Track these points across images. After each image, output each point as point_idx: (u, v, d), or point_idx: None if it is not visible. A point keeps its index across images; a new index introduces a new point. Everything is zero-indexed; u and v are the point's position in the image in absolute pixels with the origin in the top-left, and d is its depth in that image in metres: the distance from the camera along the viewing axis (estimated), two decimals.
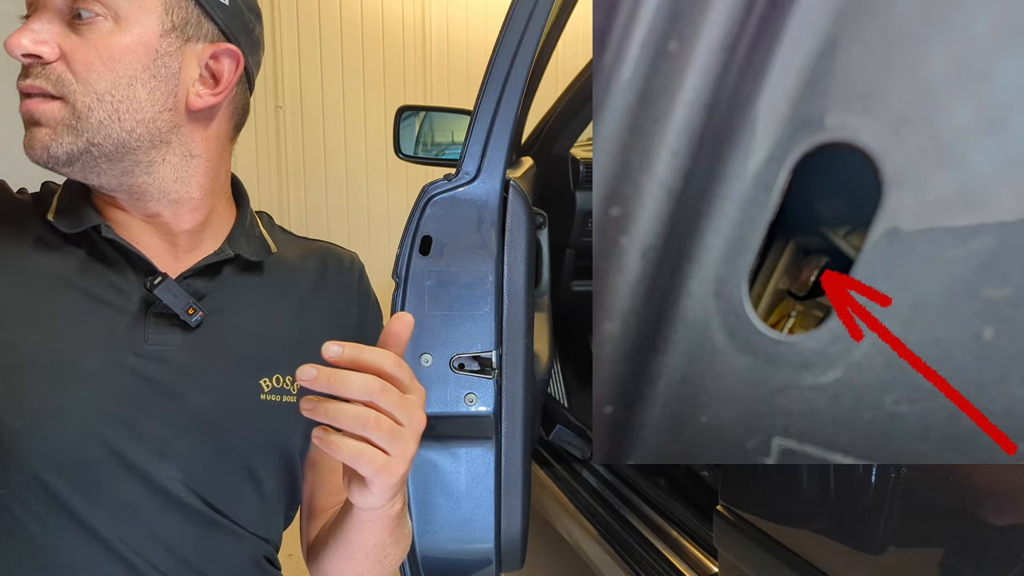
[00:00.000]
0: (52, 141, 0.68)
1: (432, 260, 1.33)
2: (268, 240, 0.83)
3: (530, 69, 1.33)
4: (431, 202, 1.32)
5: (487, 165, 1.32)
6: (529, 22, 1.31)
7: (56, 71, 0.68)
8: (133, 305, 0.72)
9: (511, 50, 1.31)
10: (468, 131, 1.34)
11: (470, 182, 1.33)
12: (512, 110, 1.32)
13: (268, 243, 0.83)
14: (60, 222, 0.72)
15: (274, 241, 0.84)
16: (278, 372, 0.79)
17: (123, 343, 0.71)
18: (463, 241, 1.33)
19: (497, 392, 1.38)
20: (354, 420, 0.54)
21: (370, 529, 0.72)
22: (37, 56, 0.67)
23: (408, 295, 1.34)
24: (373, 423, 0.54)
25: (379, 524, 0.71)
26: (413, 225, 1.33)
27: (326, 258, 0.88)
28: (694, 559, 1.59)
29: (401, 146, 2.09)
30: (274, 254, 0.82)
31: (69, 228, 0.72)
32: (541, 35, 1.33)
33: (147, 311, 0.72)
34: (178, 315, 0.72)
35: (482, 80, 1.33)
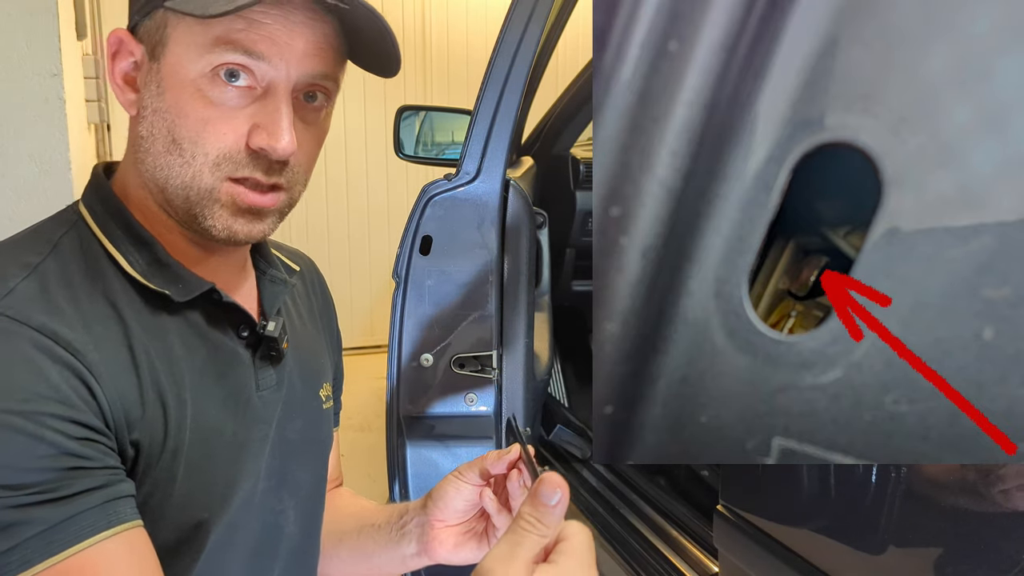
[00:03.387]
0: (270, 230, 0.67)
1: (432, 260, 1.33)
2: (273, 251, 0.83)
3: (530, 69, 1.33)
4: (431, 202, 1.32)
5: (487, 165, 1.32)
6: (529, 22, 1.31)
7: (290, 164, 0.64)
8: (244, 355, 0.70)
9: (511, 50, 1.31)
10: (468, 131, 1.34)
11: (470, 182, 1.33)
12: (512, 110, 1.32)
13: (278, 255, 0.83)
14: (171, 290, 0.65)
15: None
16: (324, 380, 0.83)
17: (247, 399, 0.70)
18: (463, 241, 1.33)
19: (497, 392, 1.38)
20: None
21: (398, 573, 0.80)
22: (287, 161, 0.64)
23: (408, 295, 1.34)
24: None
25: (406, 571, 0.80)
26: (413, 225, 1.33)
27: (310, 266, 0.91)
28: (694, 559, 1.59)
29: (401, 146, 2.09)
30: (285, 264, 0.83)
31: (182, 296, 0.65)
32: (541, 35, 1.33)
33: (255, 356, 0.71)
34: (275, 351, 0.72)
35: (482, 80, 1.33)
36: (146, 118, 0.63)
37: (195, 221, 0.64)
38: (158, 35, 0.62)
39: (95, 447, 0.56)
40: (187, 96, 0.61)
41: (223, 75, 0.60)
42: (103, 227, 0.65)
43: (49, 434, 0.54)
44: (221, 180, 0.63)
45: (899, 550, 0.74)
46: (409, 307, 1.33)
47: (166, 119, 0.62)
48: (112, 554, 0.55)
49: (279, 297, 0.76)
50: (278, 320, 0.72)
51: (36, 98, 1.94)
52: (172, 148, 0.62)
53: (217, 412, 0.67)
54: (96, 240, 0.65)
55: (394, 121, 2.09)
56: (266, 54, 0.60)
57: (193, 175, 0.62)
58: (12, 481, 0.52)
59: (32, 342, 0.56)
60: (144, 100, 0.63)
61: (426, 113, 2.14)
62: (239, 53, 0.60)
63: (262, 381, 0.71)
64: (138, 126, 0.64)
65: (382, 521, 0.82)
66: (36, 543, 0.53)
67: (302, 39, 0.61)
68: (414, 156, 2.12)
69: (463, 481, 0.75)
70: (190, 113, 0.61)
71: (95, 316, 0.60)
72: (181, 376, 0.64)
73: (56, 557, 0.53)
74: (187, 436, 0.63)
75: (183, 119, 0.61)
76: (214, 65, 0.60)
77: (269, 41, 0.60)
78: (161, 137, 0.62)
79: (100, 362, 0.58)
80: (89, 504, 0.55)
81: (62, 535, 0.53)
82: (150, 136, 0.63)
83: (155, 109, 0.62)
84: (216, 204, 0.63)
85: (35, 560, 0.52)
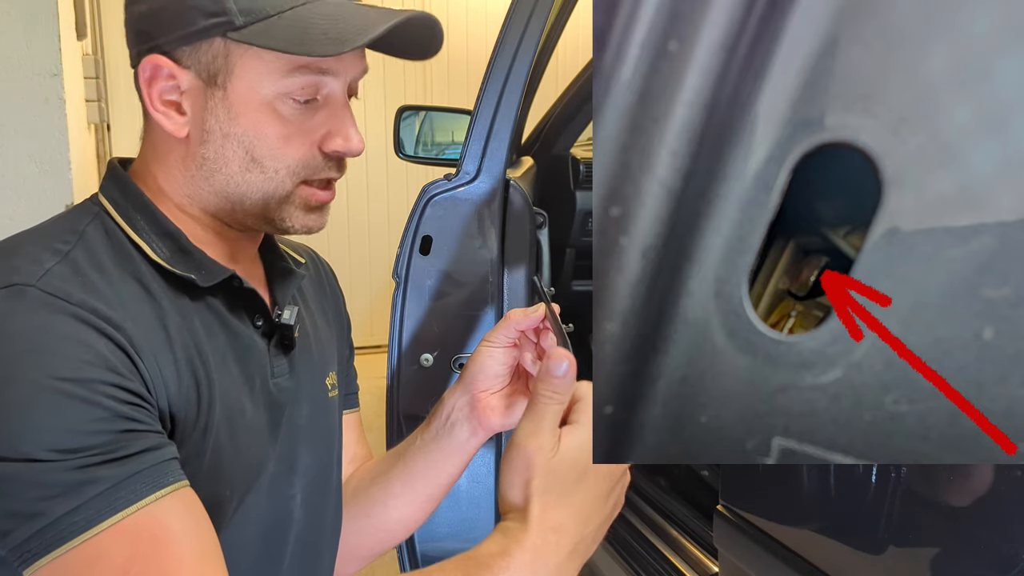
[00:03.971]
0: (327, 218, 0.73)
1: (432, 260, 1.33)
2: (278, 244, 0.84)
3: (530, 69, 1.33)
4: (431, 202, 1.32)
5: (487, 165, 1.32)
6: (529, 22, 1.31)
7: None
8: (260, 342, 0.73)
9: (511, 50, 1.31)
10: (468, 131, 1.34)
11: (470, 182, 1.33)
12: (512, 110, 1.32)
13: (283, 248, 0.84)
14: (196, 276, 0.67)
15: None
16: (331, 369, 0.84)
17: (263, 384, 0.72)
18: (463, 241, 1.33)
19: None
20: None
21: (461, 465, 0.81)
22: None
23: (408, 295, 1.34)
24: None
25: (467, 459, 0.81)
26: (413, 225, 1.33)
27: (315, 258, 0.93)
28: (694, 559, 1.59)
29: (401, 146, 2.09)
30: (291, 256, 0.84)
31: (206, 281, 0.68)
32: (541, 35, 1.33)
33: (270, 343, 0.74)
34: (288, 340, 0.75)
35: (482, 80, 1.33)
36: (212, 141, 0.66)
37: (271, 224, 0.70)
38: (218, 63, 0.64)
39: (144, 412, 0.59)
40: (263, 119, 0.65)
41: (296, 95, 0.65)
42: (126, 218, 0.68)
43: (103, 400, 0.56)
44: (296, 184, 0.68)
45: (899, 550, 0.74)
46: (409, 307, 1.33)
47: (243, 142, 0.66)
48: (171, 511, 0.57)
49: (290, 287, 0.78)
50: (293, 309, 0.75)
51: (36, 98, 1.94)
52: (251, 167, 0.66)
53: (238, 395, 0.69)
54: (120, 230, 0.67)
55: (394, 121, 2.09)
56: (332, 69, 0.66)
57: (276, 187, 0.67)
58: (73, 444, 0.54)
59: (75, 316, 0.58)
60: (208, 124, 0.66)
61: (426, 113, 2.14)
62: (314, 74, 0.65)
63: (276, 368, 0.74)
64: (200, 148, 0.67)
65: (428, 434, 0.82)
66: (101, 502, 0.54)
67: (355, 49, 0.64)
68: (414, 156, 2.12)
69: (494, 346, 0.77)
70: (269, 134, 0.65)
71: (129, 296, 0.63)
72: (207, 357, 0.66)
73: (121, 514, 0.55)
74: (216, 414, 0.66)
75: (262, 140, 0.66)
76: (292, 88, 0.65)
77: (336, 58, 0.65)
78: (237, 159, 0.66)
79: (139, 336, 0.60)
80: (147, 463, 0.57)
81: (125, 492, 0.55)
82: (220, 158, 0.66)
83: (226, 134, 0.66)
84: (291, 206, 0.69)
85: (101, 518, 0.54)
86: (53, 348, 0.56)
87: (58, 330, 0.57)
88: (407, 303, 1.33)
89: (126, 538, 0.54)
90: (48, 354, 0.56)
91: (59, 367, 0.55)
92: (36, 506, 0.54)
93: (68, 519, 0.54)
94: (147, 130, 0.70)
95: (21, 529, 0.54)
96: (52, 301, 0.58)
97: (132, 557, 0.54)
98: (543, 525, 0.57)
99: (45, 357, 0.56)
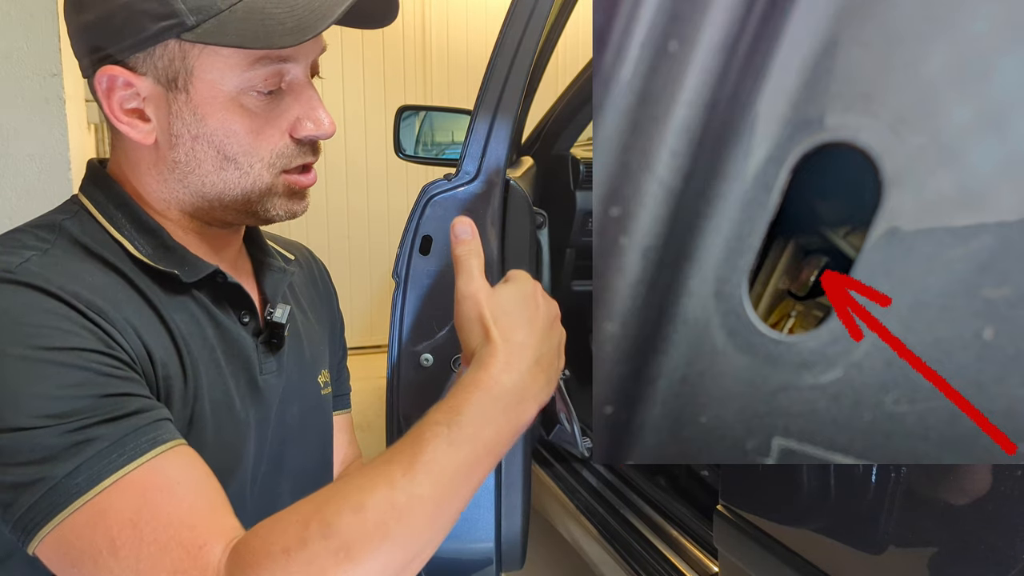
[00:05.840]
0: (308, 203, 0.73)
1: (432, 260, 1.33)
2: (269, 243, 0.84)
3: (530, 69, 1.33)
4: (431, 202, 1.32)
5: (487, 165, 1.32)
6: (529, 22, 1.30)
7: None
8: (248, 339, 0.73)
9: (511, 50, 1.31)
10: (468, 131, 1.34)
11: (470, 182, 1.32)
12: (512, 110, 1.32)
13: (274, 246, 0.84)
14: (180, 271, 0.67)
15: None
16: (322, 367, 0.84)
17: (250, 380, 0.72)
18: None
19: None
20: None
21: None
22: None
23: (408, 295, 1.33)
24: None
25: None
26: (413, 225, 1.33)
27: (307, 256, 0.93)
28: (694, 559, 1.59)
29: (401, 146, 2.08)
30: (281, 254, 0.84)
31: (190, 277, 0.68)
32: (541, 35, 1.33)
33: (258, 340, 0.74)
34: (278, 338, 0.75)
35: (482, 80, 1.33)
36: (182, 145, 0.65)
37: (254, 216, 0.69)
38: (176, 66, 0.63)
39: (132, 381, 0.59)
40: (230, 115, 0.64)
41: (259, 87, 0.64)
42: (107, 216, 0.67)
43: (89, 364, 0.56)
44: (277, 175, 0.68)
45: (899, 550, 0.74)
46: (409, 307, 1.33)
47: (213, 142, 0.65)
48: (173, 465, 0.57)
49: (280, 285, 0.78)
50: (285, 308, 0.75)
51: (36, 98, 1.94)
52: (225, 165, 0.66)
53: (225, 389, 0.69)
54: (102, 228, 0.67)
55: (394, 121, 2.09)
56: (293, 56, 0.65)
57: (253, 181, 0.67)
58: (62, 409, 0.54)
59: (55, 296, 0.58)
60: (175, 128, 0.65)
61: (426, 113, 2.14)
62: (275, 63, 0.64)
63: (265, 365, 0.73)
64: (171, 153, 0.66)
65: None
66: (101, 460, 0.54)
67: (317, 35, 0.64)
68: (414, 156, 2.11)
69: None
70: (238, 130, 0.65)
71: (111, 287, 0.63)
72: (192, 350, 0.66)
73: (123, 470, 0.54)
74: (201, 407, 0.66)
75: (231, 137, 0.65)
76: (255, 81, 0.64)
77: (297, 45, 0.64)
78: (209, 159, 0.66)
79: (121, 322, 0.61)
80: (143, 422, 0.57)
81: (126, 448, 0.55)
82: (193, 160, 0.66)
83: (195, 135, 0.65)
84: (275, 196, 0.69)
85: (103, 476, 0.54)
86: (35, 322, 0.56)
87: (40, 306, 0.57)
88: (407, 303, 1.33)
89: (132, 492, 0.54)
90: (30, 327, 0.56)
91: (42, 339, 0.56)
92: (36, 472, 0.53)
93: (70, 480, 0.53)
94: (114, 138, 0.70)
95: (24, 497, 0.53)
96: (32, 283, 0.58)
97: (139, 510, 0.53)
98: (507, 342, 0.62)
99: (27, 329, 0.56)
